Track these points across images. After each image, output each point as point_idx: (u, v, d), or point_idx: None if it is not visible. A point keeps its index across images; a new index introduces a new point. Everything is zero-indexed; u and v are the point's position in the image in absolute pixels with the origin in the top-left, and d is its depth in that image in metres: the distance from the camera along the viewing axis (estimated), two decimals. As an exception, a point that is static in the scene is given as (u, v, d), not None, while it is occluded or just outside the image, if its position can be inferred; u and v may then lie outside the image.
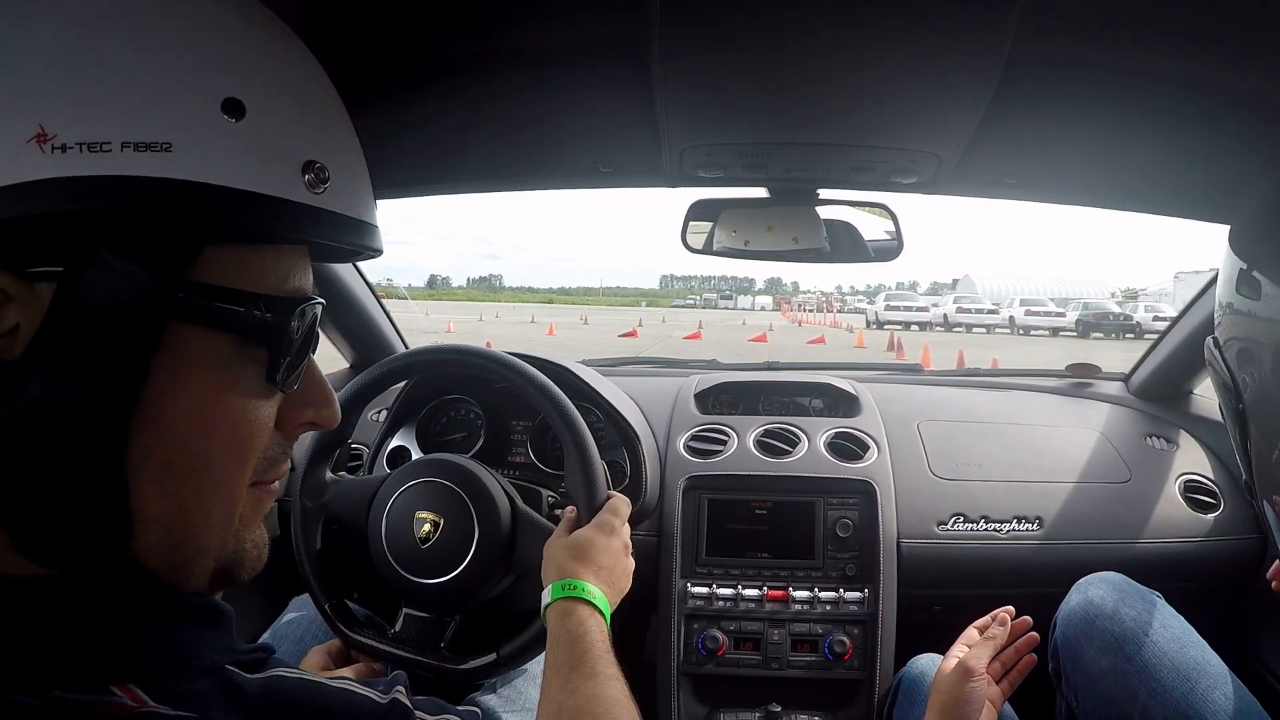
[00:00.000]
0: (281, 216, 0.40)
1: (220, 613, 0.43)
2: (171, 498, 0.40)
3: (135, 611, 0.39)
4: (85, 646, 0.36)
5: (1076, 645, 0.96)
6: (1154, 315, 19.30)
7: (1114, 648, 0.93)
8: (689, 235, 1.18)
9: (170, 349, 0.38)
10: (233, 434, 0.41)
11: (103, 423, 0.37)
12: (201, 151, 0.37)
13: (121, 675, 0.36)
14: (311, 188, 0.41)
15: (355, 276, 1.51)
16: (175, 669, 0.38)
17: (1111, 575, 1.03)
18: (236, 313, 0.40)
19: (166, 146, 0.36)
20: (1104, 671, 0.92)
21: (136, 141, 0.35)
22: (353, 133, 0.46)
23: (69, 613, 0.37)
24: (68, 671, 0.35)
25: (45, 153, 0.34)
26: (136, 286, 0.37)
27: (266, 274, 0.42)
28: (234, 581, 0.45)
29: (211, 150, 0.37)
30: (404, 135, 1.02)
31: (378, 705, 0.44)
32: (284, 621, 1.09)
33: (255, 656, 0.42)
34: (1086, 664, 0.94)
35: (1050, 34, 0.77)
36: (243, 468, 0.43)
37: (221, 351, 0.40)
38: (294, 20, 0.44)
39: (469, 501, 0.96)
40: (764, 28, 0.72)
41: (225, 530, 0.43)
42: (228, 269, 0.40)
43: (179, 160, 0.36)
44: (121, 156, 0.35)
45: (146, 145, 0.36)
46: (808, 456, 1.32)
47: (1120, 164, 1.04)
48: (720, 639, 1.22)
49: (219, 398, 0.40)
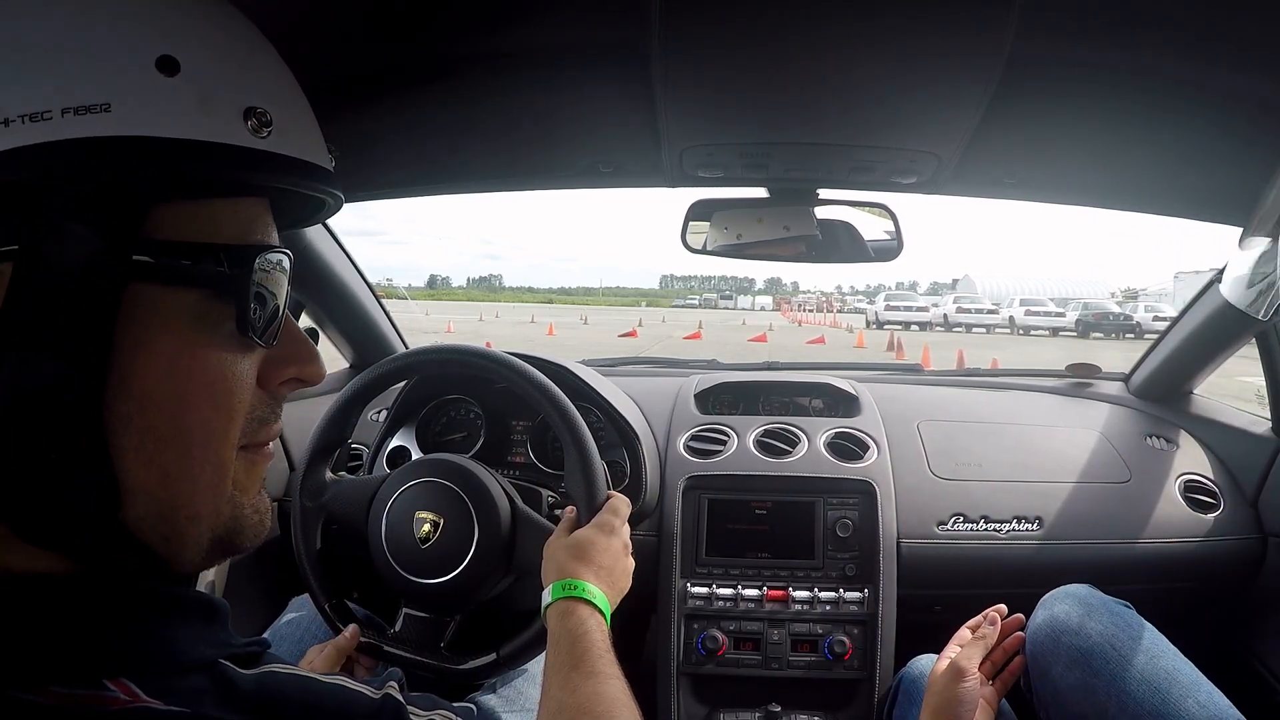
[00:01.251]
0: (229, 163, 0.40)
1: (215, 608, 0.43)
2: (156, 464, 0.39)
3: (129, 606, 0.39)
4: (80, 641, 0.36)
5: (1044, 662, 0.95)
6: (1154, 315, 19.29)
7: (1081, 662, 0.92)
8: (689, 235, 1.18)
9: (136, 311, 0.38)
10: (210, 392, 0.41)
11: (77, 395, 0.37)
12: (140, 108, 0.37)
13: (115, 670, 0.36)
14: (255, 132, 0.40)
15: (355, 276, 1.51)
16: (169, 663, 0.38)
17: (1078, 588, 1.02)
18: (196, 267, 0.40)
19: (105, 107, 0.36)
20: (1071, 687, 0.91)
21: (76, 106, 0.36)
22: (294, 83, 0.46)
23: (64, 608, 0.37)
24: (63, 667, 0.35)
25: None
26: (91, 249, 0.37)
27: (223, 227, 0.41)
28: (237, 550, 0.44)
29: (150, 106, 0.37)
30: (404, 135, 1.02)
31: (370, 701, 0.44)
32: (284, 621, 1.09)
33: (250, 651, 0.42)
34: (1055, 680, 0.93)
35: (1050, 33, 0.77)
36: (227, 428, 0.42)
37: (189, 308, 0.40)
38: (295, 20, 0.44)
39: (469, 501, 0.96)
40: (764, 28, 0.72)
41: (217, 495, 0.42)
42: (182, 224, 0.40)
43: (119, 118, 0.36)
44: (63, 122, 0.35)
45: (85, 108, 0.36)
46: (808, 456, 1.32)
47: (1120, 164, 1.04)
48: (720, 639, 1.22)
49: (193, 356, 0.40)
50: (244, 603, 1.34)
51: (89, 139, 0.36)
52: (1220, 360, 1.46)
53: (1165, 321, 1.76)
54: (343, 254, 1.46)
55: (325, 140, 0.47)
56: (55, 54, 0.36)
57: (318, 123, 0.47)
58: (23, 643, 0.35)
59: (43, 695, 0.34)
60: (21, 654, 0.35)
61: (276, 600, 1.17)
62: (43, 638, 0.36)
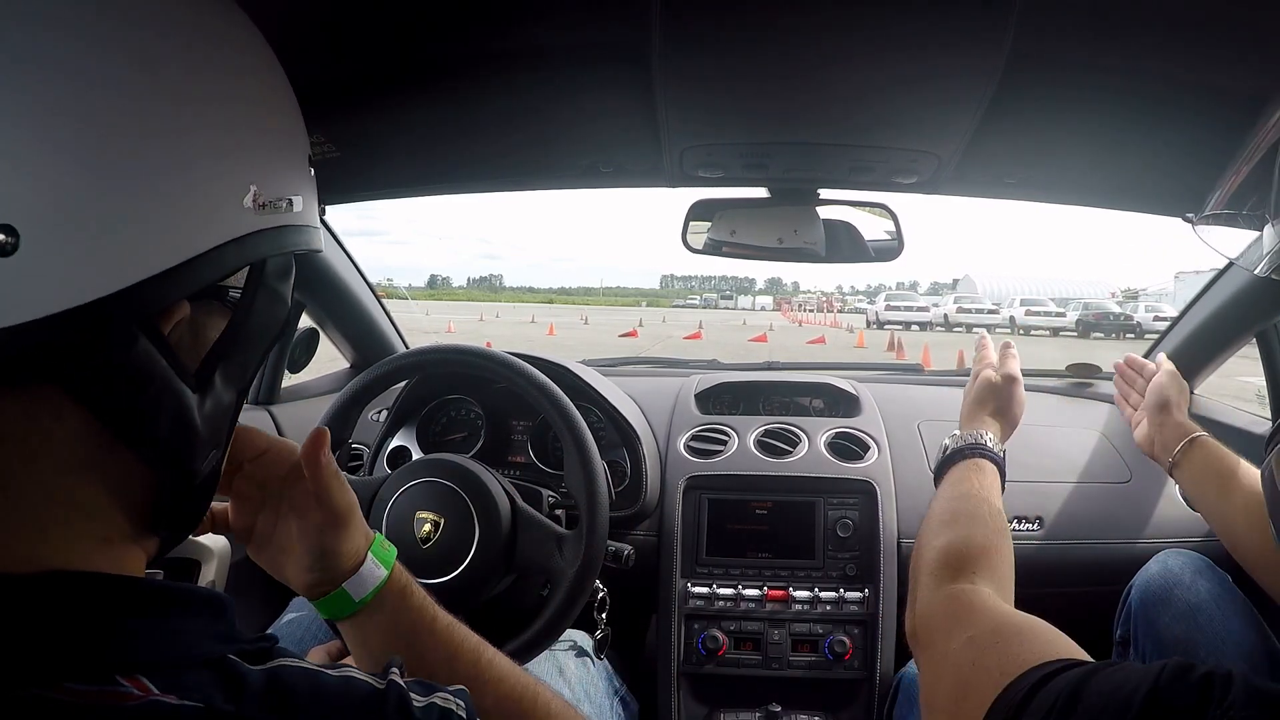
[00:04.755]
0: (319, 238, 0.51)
1: (223, 603, 0.43)
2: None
3: (140, 603, 0.39)
4: (91, 638, 0.37)
5: (1153, 611, 0.97)
6: (1154, 315, 19.29)
7: (1188, 616, 0.94)
8: (689, 235, 1.18)
9: None
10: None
11: (234, 415, 0.47)
12: (306, 198, 0.48)
13: (128, 666, 0.37)
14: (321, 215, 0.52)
15: (355, 276, 1.51)
16: (180, 659, 0.39)
17: (1185, 550, 1.06)
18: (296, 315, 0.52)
19: (291, 203, 0.46)
20: (1176, 639, 0.93)
21: (290, 196, 0.46)
22: None
23: (75, 605, 0.37)
24: (76, 663, 0.36)
25: (256, 210, 0.43)
26: (285, 308, 0.48)
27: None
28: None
29: (308, 196, 0.48)
30: (405, 135, 1.02)
31: (375, 689, 0.45)
32: (284, 621, 1.09)
33: (259, 647, 0.43)
34: (1160, 631, 0.95)
35: (1050, 33, 0.77)
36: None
37: None
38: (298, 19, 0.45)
39: (469, 501, 0.96)
40: (764, 28, 0.73)
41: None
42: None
43: (299, 208, 0.47)
44: (286, 210, 0.45)
45: (289, 201, 0.46)
46: (808, 456, 1.32)
47: (1120, 164, 1.04)
48: (720, 639, 1.22)
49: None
50: (244, 602, 1.34)
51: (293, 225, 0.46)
52: (1221, 360, 1.46)
53: (1165, 321, 1.76)
54: (343, 254, 1.46)
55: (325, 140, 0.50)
56: (283, 149, 0.46)
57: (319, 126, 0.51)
58: (36, 640, 0.36)
59: (58, 692, 0.35)
60: (36, 651, 0.35)
61: (277, 600, 1.17)
62: (56, 634, 0.36)
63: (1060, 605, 1.24)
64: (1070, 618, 1.42)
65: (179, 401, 0.41)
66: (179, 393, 0.41)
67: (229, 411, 0.46)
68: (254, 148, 0.44)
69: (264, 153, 0.44)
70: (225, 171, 0.41)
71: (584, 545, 0.95)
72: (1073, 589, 1.25)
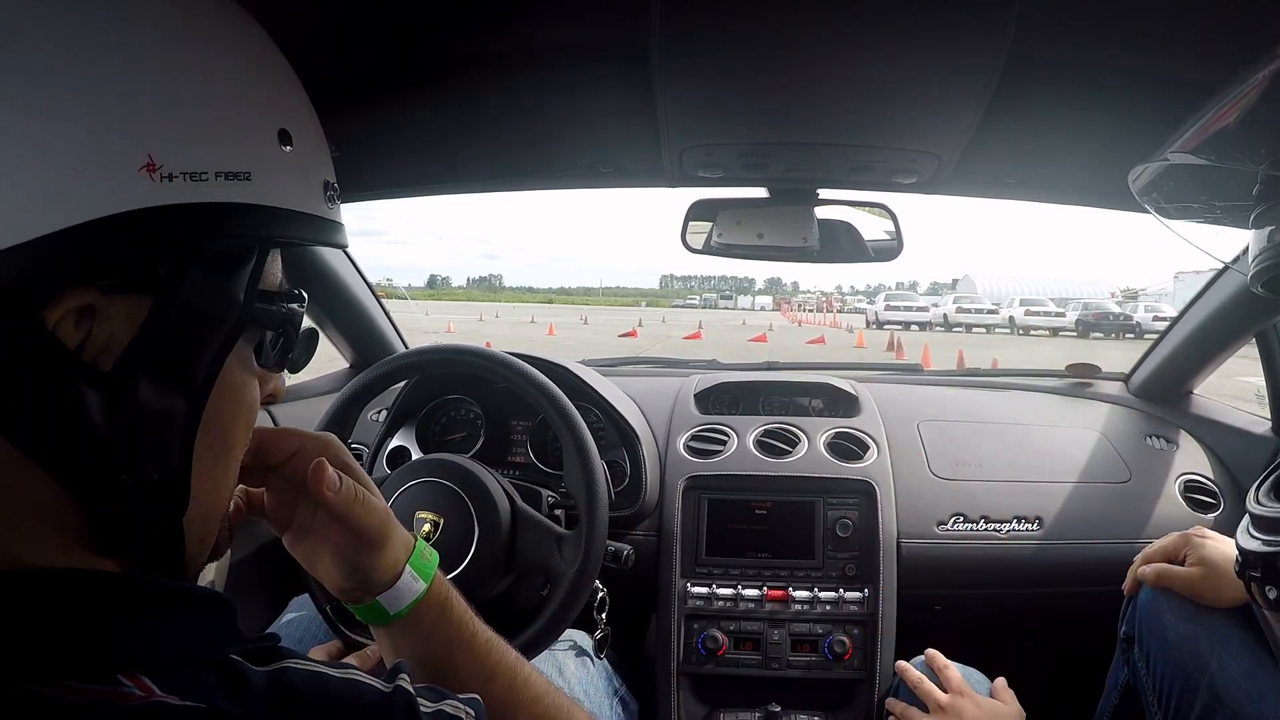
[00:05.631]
0: (319, 230, 0.46)
1: (224, 603, 0.43)
2: (209, 476, 0.44)
3: (142, 602, 0.39)
4: (94, 637, 0.37)
5: (1158, 608, 0.98)
6: (1154, 315, 19.26)
7: (1192, 615, 0.94)
8: (689, 235, 1.18)
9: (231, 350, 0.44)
10: (246, 413, 0.47)
11: (186, 421, 0.41)
12: (270, 177, 0.42)
13: (130, 665, 0.36)
14: (330, 203, 0.47)
15: (355, 276, 1.51)
16: (182, 658, 0.38)
17: None
18: (274, 312, 0.46)
19: (247, 175, 0.41)
20: (1181, 637, 0.94)
21: (227, 171, 0.40)
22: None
23: (78, 604, 0.37)
24: (78, 662, 0.36)
25: (155, 181, 0.37)
26: (226, 301, 0.42)
27: (274, 275, 0.47)
28: (221, 551, 0.50)
29: (277, 176, 0.43)
30: (405, 135, 1.02)
31: (382, 693, 0.44)
32: (284, 622, 1.09)
33: (263, 647, 0.43)
34: (1164, 628, 0.96)
35: (1050, 33, 0.77)
36: (245, 443, 0.48)
37: (247, 345, 0.46)
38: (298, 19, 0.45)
39: (469, 501, 0.96)
40: (764, 28, 0.73)
41: (228, 501, 0.49)
42: (268, 276, 0.46)
43: (257, 187, 0.41)
44: (216, 185, 0.39)
45: (234, 174, 0.40)
46: (808, 456, 1.32)
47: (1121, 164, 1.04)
48: (720, 639, 1.21)
49: (246, 387, 0.46)
50: (245, 602, 1.33)
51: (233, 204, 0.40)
52: (1220, 360, 1.46)
53: (1165, 321, 1.76)
54: (343, 254, 1.46)
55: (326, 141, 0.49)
56: (212, 117, 0.40)
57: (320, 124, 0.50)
58: (38, 637, 0.36)
59: (59, 690, 0.35)
60: (37, 649, 0.35)
61: (277, 600, 1.17)
62: (57, 632, 0.36)
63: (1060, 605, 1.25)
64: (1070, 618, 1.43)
65: (74, 402, 0.37)
66: (73, 393, 0.37)
67: (170, 416, 0.40)
68: (161, 111, 0.38)
69: (178, 117, 0.38)
70: (107, 133, 0.36)
71: (584, 545, 0.95)
72: (1072, 589, 1.25)
